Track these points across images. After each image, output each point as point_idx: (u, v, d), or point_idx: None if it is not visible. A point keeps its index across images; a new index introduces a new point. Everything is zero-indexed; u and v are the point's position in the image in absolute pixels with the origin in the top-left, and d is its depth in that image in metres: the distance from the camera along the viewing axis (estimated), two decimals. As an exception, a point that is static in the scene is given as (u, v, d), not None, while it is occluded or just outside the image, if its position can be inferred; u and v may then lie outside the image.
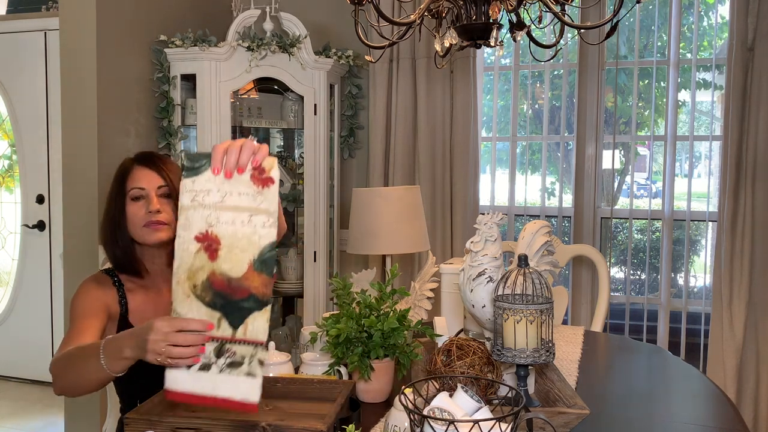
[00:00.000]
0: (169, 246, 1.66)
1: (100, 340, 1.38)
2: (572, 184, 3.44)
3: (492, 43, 1.82)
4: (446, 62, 2.11)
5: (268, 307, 1.22)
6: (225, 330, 1.22)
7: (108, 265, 1.73)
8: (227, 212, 1.22)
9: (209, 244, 1.22)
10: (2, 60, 4.31)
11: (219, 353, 1.22)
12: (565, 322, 3.08)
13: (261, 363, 1.21)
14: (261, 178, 1.22)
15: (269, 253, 1.22)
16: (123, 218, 1.64)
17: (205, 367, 1.22)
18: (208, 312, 1.21)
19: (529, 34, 1.95)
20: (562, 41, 1.96)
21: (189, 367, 1.22)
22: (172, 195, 1.64)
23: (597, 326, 2.68)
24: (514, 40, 1.93)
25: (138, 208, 1.63)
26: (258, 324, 1.21)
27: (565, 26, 1.79)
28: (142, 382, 1.49)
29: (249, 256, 1.21)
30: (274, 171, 1.23)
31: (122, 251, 1.66)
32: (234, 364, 1.21)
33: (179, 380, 1.23)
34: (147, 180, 1.64)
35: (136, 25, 3.11)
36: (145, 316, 1.67)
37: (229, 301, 1.21)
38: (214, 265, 1.22)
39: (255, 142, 1.34)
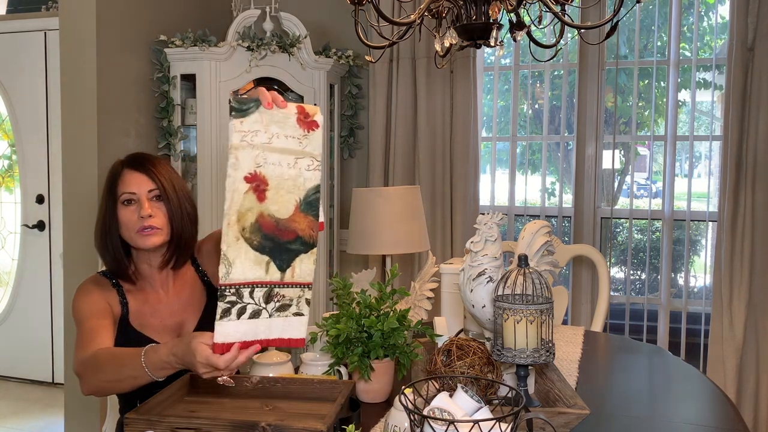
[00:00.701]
0: (163, 248, 1.66)
1: (137, 350, 1.39)
2: (572, 184, 3.44)
3: (492, 43, 1.82)
4: (446, 62, 2.11)
5: (315, 250, 1.26)
6: (273, 274, 1.24)
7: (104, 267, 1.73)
8: (274, 154, 1.23)
9: (258, 184, 1.22)
10: (2, 60, 4.31)
11: (268, 299, 1.24)
12: (565, 322, 3.08)
13: (308, 302, 1.27)
14: (306, 121, 1.25)
15: (314, 195, 1.25)
16: (114, 223, 1.62)
17: (255, 314, 1.24)
18: (256, 257, 1.23)
19: (529, 34, 1.95)
20: (562, 41, 1.96)
21: (239, 316, 1.23)
22: (163, 197, 1.63)
23: (597, 326, 2.68)
24: (514, 40, 1.93)
25: (130, 213, 1.61)
26: (305, 266, 1.26)
27: (565, 26, 1.79)
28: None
29: (295, 197, 1.24)
30: (318, 116, 1.26)
31: (113, 257, 1.65)
32: (283, 307, 1.26)
33: (230, 334, 1.24)
34: (137, 184, 1.62)
35: (136, 25, 3.11)
36: (144, 319, 1.67)
37: (277, 243, 1.23)
38: (262, 207, 1.23)
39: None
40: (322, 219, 1.29)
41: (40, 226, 4.32)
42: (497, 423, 1.06)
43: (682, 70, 3.34)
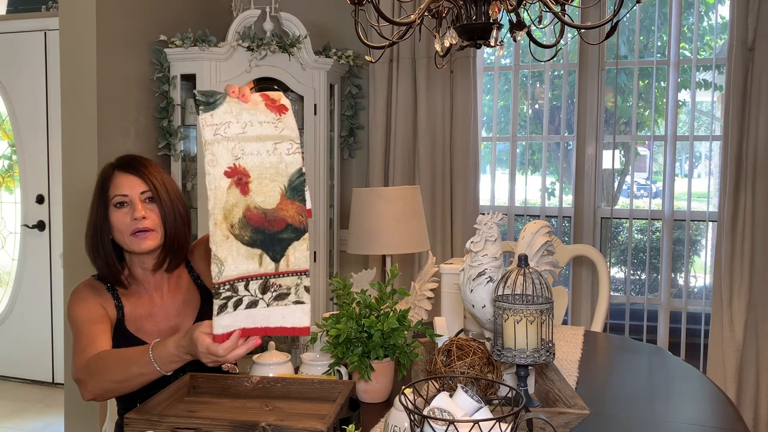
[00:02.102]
0: (157, 251, 1.65)
1: (143, 347, 1.40)
2: (572, 184, 3.44)
3: (492, 43, 1.82)
4: (446, 62, 2.11)
5: (307, 235, 1.23)
6: (267, 266, 1.22)
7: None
8: (251, 143, 1.21)
9: (239, 177, 1.20)
10: (2, 60, 4.31)
11: (264, 289, 1.22)
12: (565, 322, 3.08)
13: (307, 289, 1.24)
14: (275, 106, 1.24)
15: (298, 179, 1.22)
16: (107, 227, 1.61)
17: (253, 304, 1.22)
18: (248, 251, 1.20)
19: (529, 34, 1.95)
20: (562, 41, 1.96)
21: (236, 307, 1.22)
22: (155, 199, 1.62)
23: (597, 326, 2.68)
24: (514, 40, 1.93)
25: (123, 216, 1.60)
26: (299, 253, 1.23)
27: (565, 26, 1.79)
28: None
29: (279, 185, 1.21)
30: (284, 99, 1.25)
31: (104, 262, 1.63)
32: (281, 296, 1.23)
33: (228, 325, 1.23)
34: (129, 186, 1.61)
35: (136, 25, 3.11)
36: (140, 323, 1.66)
37: (267, 235, 1.21)
38: (247, 200, 1.20)
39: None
40: (309, 206, 1.26)
41: (40, 226, 4.32)
42: (497, 423, 1.06)
43: (682, 70, 3.34)
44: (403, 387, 1.19)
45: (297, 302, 1.24)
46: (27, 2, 4.37)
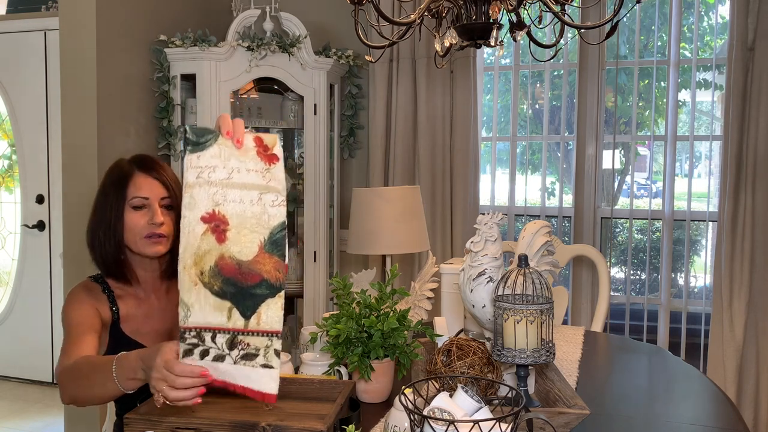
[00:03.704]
0: (165, 256, 1.64)
1: (111, 357, 1.35)
2: (572, 184, 3.44)
3: (492, 43, 1.82)
4: (446, 62, 2.11)
5: (282, 293, 1.15)
6: (236, 321, 1.14)
7: (96, 272, 1.69)
8: (235, 190, 1.15)
9: (216, 224, 1.15)
10: (2, 60, 4.31)
11: (231, 346, 1.15)
12: (565, 322, 3.08)
13: (277, 353, 1.15)
14: (266, 154, 1.17)
15: (279, 233, 1.16)
16: (120, 225, 1.59)
17: (219, 358, 1.15)
18: (217, 302, 1.14)
19: (529, 34, 1.95)
20: (562, 41, 1.96)
21: (202, 357, 1.15)
22: (173, 207, 1.61)
23: (597, 326, 2.68)
24: (514, 40, 1.93)
25: (139, 218, 1.59)
26: (272, 312, 1.14)
27: (565, 26, 1.79)
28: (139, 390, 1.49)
29: (259, 237, 1.15)
30: (278, 148, 1.18)
31: (113, 257, 1.61)
32: (248, 356, 1.15)
33: (195, 369, 1.16)
34: (150, 189, 1.60)
35: (136, 25, 3.11)
36: (136, 324, 1.65)
37: (240, 288, 1.14)
38: (222, 248, 1.14)
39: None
40: (287, 261, 1.18)
41: (40, 226, 4.32)
42: (497, 423, 1.06)
43: (682, 70, 3.34)
44: (403, 387, 1.19)
45: (265, 366, 1.14)
46: (27, 2, 4.37)
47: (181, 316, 1.15)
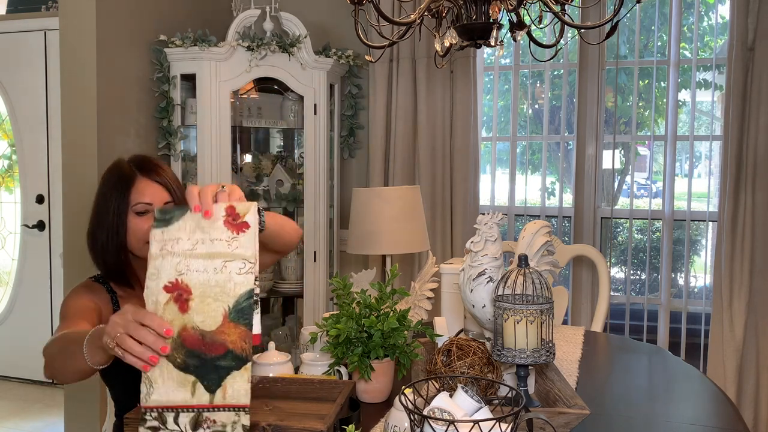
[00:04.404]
0: None
1: (88, 329, 1.29)
2: (572, 184, 3.44)
3: (492, 43, 1.82)
4: (446, 62, 2.11)
5: (249, 365, 1.09)
6: (201, 396, 1.09)
7: (97, 272, 1.69)
8: (198, 260, 1.12)
9: (179, 293, 1.11)
10: (2, 60, 4.31)
11: (196, 425, 1.09)
12: (565, 322, 3.08)
13: (245, 429, 1.10)
14: (235, 223, 1.13)
15: (246, 301, 1.10)
16: (123, 230, 1.58)
17: None
18: (180, 377, 1.09)
19: (529, 34, 1.95)
20: (562, 41, 1.96)
21: None
22: None
23: (597, 326, 2.68)
24: (514, 40, 1.93)
25: (143, 223, 1.57)
26: (238, 385, 1.09)
27: (565, 26, 1.79)
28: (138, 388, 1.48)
29: (223, 305, 1.10)
30: (250, 215, 1.14)
31: (115, 261, 1.61)
32: None
33: None
34: (152, 194, 1.59)
35: (136, 25, 3.11)
36: None
37: (203, 360, 1.09)
38: (185, 318, 1.10)
39: (225, 189, 1.29)
40: (257, 330, 1.11)
41: (40, 226, 4.32)
42: (497, 423, 1.06)
43: (682, 70, 3.34)
44: (403, 387, 1.19)
45: None
46: (27, 2, 4.37)
47: (142, 393, 1.10)
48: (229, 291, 1.11)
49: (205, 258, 1.12)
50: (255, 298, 1.12)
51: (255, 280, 1.12)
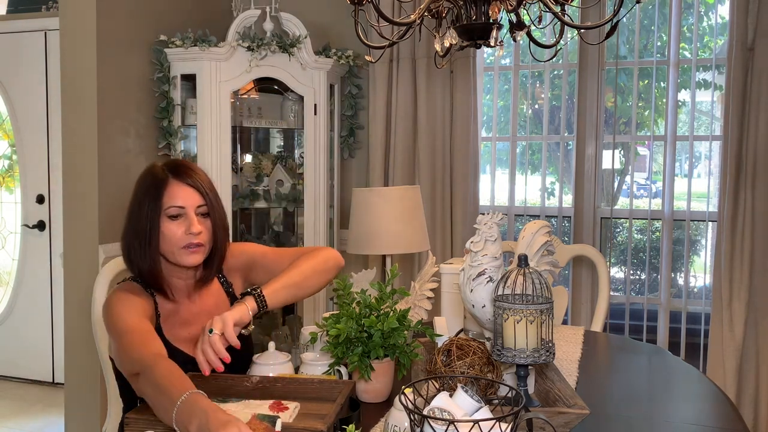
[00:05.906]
0: (201, 264, 1.63)
1: (185, 384, 1.23)
2: (572, 184, 3.44)
3: (492, 43, 1.82)
4: (446, 62, 2.11)
5: None
6: None
7: (128, 274, 1.66)
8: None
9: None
10: (2, 60, 4.31)
11: None
12: (565, 322, 3.08)
13: None
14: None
15: (270, 419, 1.19)
16: (156, 235, 1.55)
17: None
18: None
19: (529, 34, 1.95)
20: (562, 41, 1.96)
21: None
22: (210, 214, 1.59)
23: (597, 326, 2.68)
24: (514, 40, 1.93)
25: (176, 228, 1.55)
26: None
27: (565, 26, 1.79)
28: None
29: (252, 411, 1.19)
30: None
31: (149, 269, 1.57)
32: None
33: None
34: (185, 197, 1.56)
35: (136, 25, 3.11)
36: (174, 330, 1.63)
37: None
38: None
39: (215, 330, 1.35)
40: (278, 428, 1.16)
41: (40, 226, 4.32)
42: (497, 423, 1.06)
43: (682, 70, 3.34)
44: (403, 387, 1.19)
45: None
46: (27, 2, 4.37)
47: None
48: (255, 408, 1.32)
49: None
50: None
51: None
